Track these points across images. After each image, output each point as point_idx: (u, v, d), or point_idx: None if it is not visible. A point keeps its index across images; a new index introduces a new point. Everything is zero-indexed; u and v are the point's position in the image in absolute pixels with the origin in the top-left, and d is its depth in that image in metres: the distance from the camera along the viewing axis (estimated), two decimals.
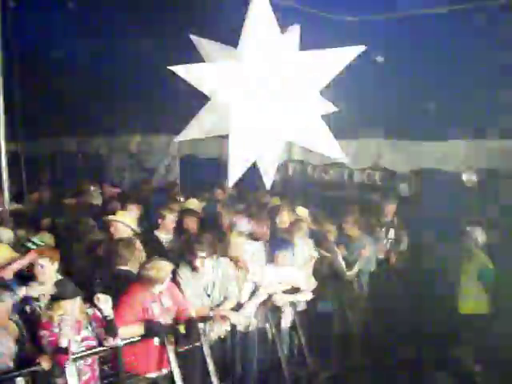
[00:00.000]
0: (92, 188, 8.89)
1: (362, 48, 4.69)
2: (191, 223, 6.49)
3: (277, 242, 6.13)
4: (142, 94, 9.31)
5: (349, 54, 4.71)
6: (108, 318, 4.40)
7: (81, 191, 8.71)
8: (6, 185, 6.83)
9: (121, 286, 4.91)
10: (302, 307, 6.21)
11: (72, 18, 8.66)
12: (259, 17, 4.35)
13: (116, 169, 11.92)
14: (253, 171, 4.96)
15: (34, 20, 8.42)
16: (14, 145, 7.37)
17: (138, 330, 4.68)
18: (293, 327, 6.10)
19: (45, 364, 4.13)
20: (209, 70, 4.51)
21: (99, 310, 4.42)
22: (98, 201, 8.55)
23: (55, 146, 13.02)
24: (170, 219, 6.33)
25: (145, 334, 4.69)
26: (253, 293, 5.68)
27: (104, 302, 4.42)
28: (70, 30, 8.86)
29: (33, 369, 4.15)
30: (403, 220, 7.82)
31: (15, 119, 6.98)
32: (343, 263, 6.78)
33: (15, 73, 6.95)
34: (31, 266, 4.83)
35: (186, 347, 4.99)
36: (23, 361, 4.18)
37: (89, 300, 4.49)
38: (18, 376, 4.10)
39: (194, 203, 7.42)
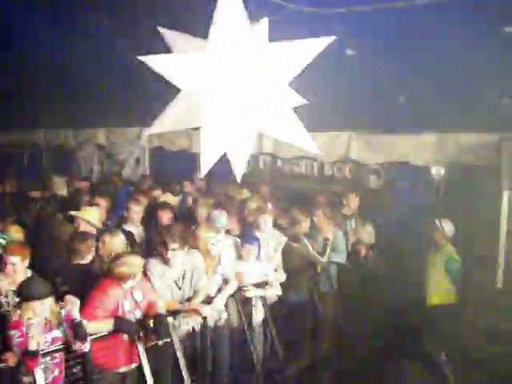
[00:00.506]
0: (57, 180, 8.78)
1: (330, 39, 4.68)
2: (164, 216, 6.43)
3: (245, 237, 6.13)
4: (112, 85, 9.16)
5: (318, 45, 4.69)
6: (75, 321, 4.30)
7: (46, 184, 8.58)
8: None
9: (79, 281, 4.85)
10: (272, 300, 6.23)
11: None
12: (228, 8, 4.31)
13: (84, 161, 11.75)
14: (222, 164, 4.94)
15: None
16: None
17: (107, 325, 4.61)
18: (264, 320, 6.10)
19: (11, 361, 4.06)
20: (178, 61, 4.44)
21: (67, 312, 4.34)
22: (63, 192, 8.45)
23: (22, 137, 12.77)
24: (135, 211, 6.26)
25: (114, 330, 4.63)
26: (222, 286, 5.66)
27: (71, 304, 4.34)
28: (32, 17, 8.64)
29: None
30: (371, 212, 7.89)
31: None
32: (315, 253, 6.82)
33: None
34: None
35: (156, 342, 4.96)
36: None
37: (60, 299, 4.42)
38: None
39: (168, 197, 7.38)
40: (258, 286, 5.96)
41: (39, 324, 4.18)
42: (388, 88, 7.73)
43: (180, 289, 5.30)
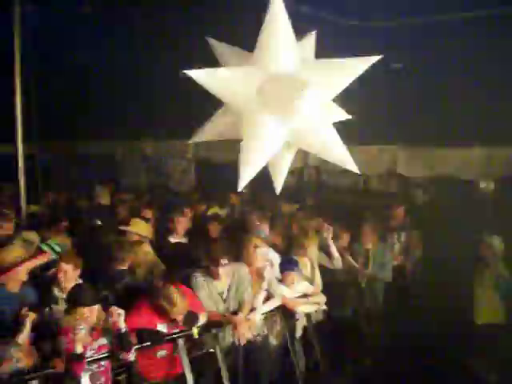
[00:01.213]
0: (101, 190, 9.00)
1: (377, 57, 4.67)
2: (213, 229, 6.50)
3: (283, 261, 6.03)
4: (158, 98, 9.35)
5: (364, 62, 4.69)
6: (121, 332, 4.39)
7: (92, 194, 8.84)
8: (22, 186, 6.93)
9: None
10: (315, 317, 6.18)
11: (89, 21, 8.70)
12: (275, 22, 4.35)
13: (131, 172, 11.97)
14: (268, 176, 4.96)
15: (53, 22, 8.48)
16: (31, 147, 7.42)
17: None
18: (307, 336, 6.06)
19: (59, 367, 4.17)
20: (224, 75, 4.50)
21: (113, 323, 4.43)
22: (107, 202, 8.67)
23: (71, 148, 13.13)
24: (181, 223, 6.34)
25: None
26: (266, 300, 5.65)
27: (117, 315, 4.44)
28: (88, 33, 8.91)
29: (46, 372, 4.20)
30: (417, 227, 7.75)
31: (33, 121, 7.03)
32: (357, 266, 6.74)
33: (33, 74, 7.00)
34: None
35: (200, 352, 5.00)
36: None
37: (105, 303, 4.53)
38: (33, 378, 4.15)
39: (216, 210, 7.46)
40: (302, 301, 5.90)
41: (86, 330, 4.28)
42: (435, 102, 7.65)
43: (225, 301, 5.31)
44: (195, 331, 4.76)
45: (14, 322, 4.42)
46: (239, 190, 4.56)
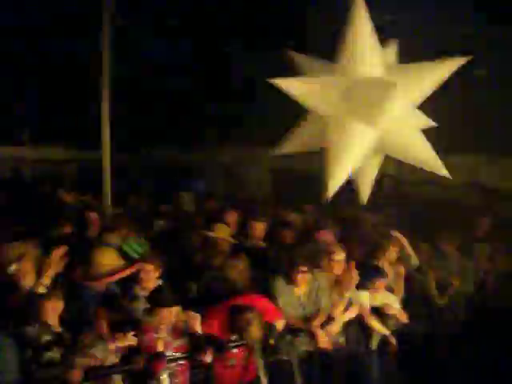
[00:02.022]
0: (185, 196, 9.27)
1: (462, 60, 4.56)
2: (288, 235, 6.53)
3: (369, 269, 5.91)
4: (238, 106, 9.49)
5: (449, 66, 4.59)
6: (196, 334, 4.51)
7: (175, 199, 9.10)
8: (108, 192, 7.28)
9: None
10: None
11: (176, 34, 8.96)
12: (359, 30, 4.35)
13: (210, 179, 12.20)
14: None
15: (142, 36, 8.81)
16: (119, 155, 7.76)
17: None
18: (382, 349, 5.94)
19: (140, 364, 4.32)
20: (308, 84, 4.54)
21: (189, 326, 4.54)
22: (191, 208, 8.90)
23: (155, 155, 13.59)
24: (257, 229, 6.42)
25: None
26: (344, 310, 5.58)
27: (193, 318, 4.54)
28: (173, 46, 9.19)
29: (128, 367, 4.37)
30: (502, 240, 7.41)
31: (120, 130, 7.34)
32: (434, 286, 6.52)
33: (122, 86, 7.33)
34: None
35: (275, 359, 5.02)
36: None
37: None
38: (114, 373, 4.34)
39: (292, 217, 7.50)
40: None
41: (167, 330, 4.41)
42: None
43: (303, 308, 5.30)
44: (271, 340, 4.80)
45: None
46: (327, 198, 4.55)
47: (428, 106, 5.06)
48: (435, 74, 4.61)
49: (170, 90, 10.42)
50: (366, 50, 4.43)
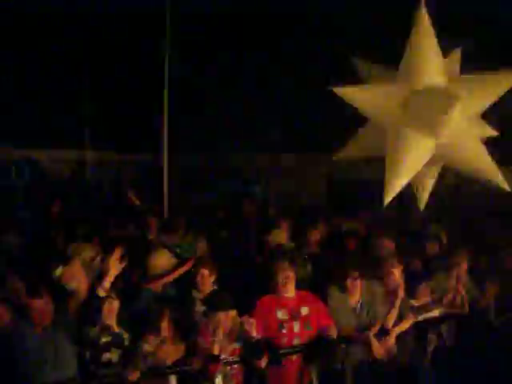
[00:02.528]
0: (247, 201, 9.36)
1: None
2: (350, 243, 6.52)
3: (415, 274, 5.88)
4: (295, 114, 9.50)
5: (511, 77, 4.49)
6: (252, 340, 4.54)
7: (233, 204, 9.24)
8: (166, 193, 7.45)
9: None
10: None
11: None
12: (422, 39, 4.31)
13: (267, 184, 12.23)
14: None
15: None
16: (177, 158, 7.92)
17: None
18: (436, 359, 5.82)
19: (196, 365, 4.40)
20: (368, 92, 4.53)
21: (245, 331, 4.58)
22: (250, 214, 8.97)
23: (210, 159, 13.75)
24: (313, 235, 6.43)
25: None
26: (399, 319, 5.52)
27: (248, 323, 4.59)
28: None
29: (185, 368, 4.45)
30: None
31: (175, 133, 7.48)
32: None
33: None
34: None
35: (328, 367, 5.00)
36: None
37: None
38: (170, 373, 4.44)
39: (350, 225, 7.49)
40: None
41: (223, 333, 4.47)
42: None
43: (357, 317, 5.26)
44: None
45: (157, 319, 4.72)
46: (384, 205, 4.54)
47: (492, 114, 4.97)
48: (499, 85, 4.52)
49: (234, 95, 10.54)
50: (429, 59, 4.39)
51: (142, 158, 14.34)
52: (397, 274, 5.47)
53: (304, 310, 4.93)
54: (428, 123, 4.44)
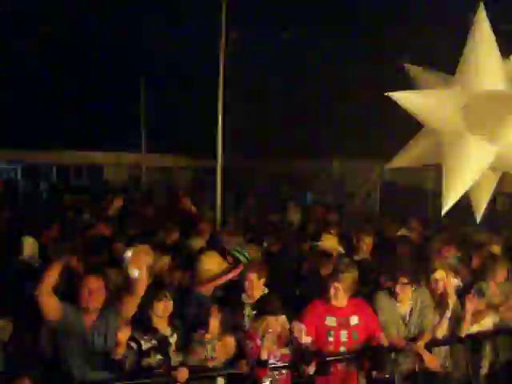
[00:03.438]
0: (292, 207, 9.39)
1: None
2: (401, 250, 6.43)
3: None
4: (346, 119, 9.43)
5: None
6: (302, 346, 4.50)
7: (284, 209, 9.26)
8: (219, 197, 7.55)
9: None
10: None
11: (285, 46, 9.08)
12: (480, 43, 4.19)
13: (317, 190, 12.21)
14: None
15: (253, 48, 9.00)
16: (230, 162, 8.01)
17: None
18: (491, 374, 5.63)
19: (244, 368, 4.42)
20: (424, 97, 4.43)
21: (295, 337, 4.56)
22: (296, 219, 8.99)
23: (262, 163, 13.87)
24: (366, 242, 6.36)
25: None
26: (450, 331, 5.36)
27: (298, 330, 4.56)
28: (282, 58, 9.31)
29: (232, 371, 4.47)
30: None
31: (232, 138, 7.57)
32: None
33: (237, 97, 7.56)
34: None
35: (377, 376, 4.92)
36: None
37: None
38: (218, 375, 4.48)
39: (403, 232, 7.39)
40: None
41: (272, 338, 4.47)
42: None
43: (406, 326, 5.15)
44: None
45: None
46: (443, 214, 4.43)
47: None
48: None
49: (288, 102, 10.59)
50: (487, 62, 4.26)
51: (198, 163, 14.69)
52: (447, 282, 5.34)
53: (353, 320, 4.87)
54: (486, 129, 4.30)
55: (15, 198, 11.98)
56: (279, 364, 4.55)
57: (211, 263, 5.33)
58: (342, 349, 4.78)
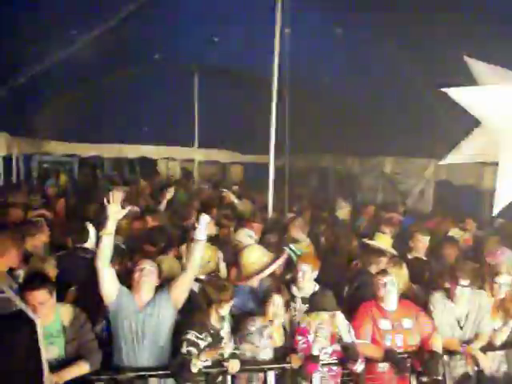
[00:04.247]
0: (341, 203, 9.35)
1: None
2: (452, 251, 6.33)
3: None
4: (399, 116, 9.28)
5: None
6: (346, 344, 4.51)
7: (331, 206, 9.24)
8: (271, 196, 7.59)
9: None
10: None
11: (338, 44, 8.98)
12: None
13: (368, 188, 12.08)
14: None
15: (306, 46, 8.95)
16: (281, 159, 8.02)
17: (375, 351, 4.73)
18: None
19: (294, 363, 4.45)
20: (482, 94, 4.32)
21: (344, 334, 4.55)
22: (342, 216, 8.95)
23: (313, 161, 13.84)
24: (421, 242, 6.28)
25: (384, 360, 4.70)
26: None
27: (348, 328, 4.55)
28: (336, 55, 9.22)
29: (282, 365, 4.52)
30: None
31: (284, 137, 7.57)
32: None
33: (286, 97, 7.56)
34: None
35: (427, 378, 4.85)
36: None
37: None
38: (269, 369, 4.52)
39: (456, 232, 7.26)
40: None
41: (324, 334, 4.49)
42: None
43: (462, 328, 5.05)
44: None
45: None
46: (495, 213, 4.33)
47: None
48: None
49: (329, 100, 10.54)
50: None
51: (249, 159, 14.81)
52: (505, 288, 5.20)
53: (407, 323, 4.84)
54: None
55: (76, 188, 12.46)
56: (329, 360, 4.56)
57: (253, 256, 5.35)
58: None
